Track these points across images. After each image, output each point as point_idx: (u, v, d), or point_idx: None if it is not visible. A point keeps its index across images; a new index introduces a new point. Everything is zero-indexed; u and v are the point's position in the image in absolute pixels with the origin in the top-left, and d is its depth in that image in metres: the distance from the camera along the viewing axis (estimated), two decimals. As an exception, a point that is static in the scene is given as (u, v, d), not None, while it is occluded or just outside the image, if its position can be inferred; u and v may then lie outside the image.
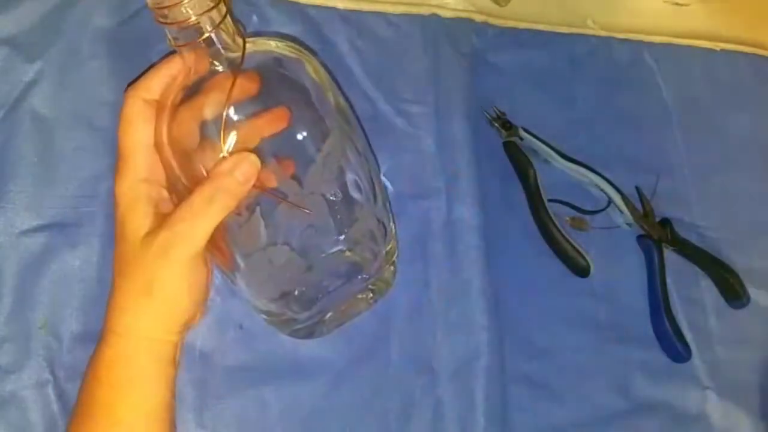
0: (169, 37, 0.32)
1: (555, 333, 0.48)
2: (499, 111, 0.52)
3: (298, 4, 0.49)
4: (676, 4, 0.61)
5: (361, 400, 0.42)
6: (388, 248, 0.41)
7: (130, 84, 0.36)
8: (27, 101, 0.41)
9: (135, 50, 0.44)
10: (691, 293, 0.52)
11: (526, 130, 0.51)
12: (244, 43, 0.33)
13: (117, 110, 0.43)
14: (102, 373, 0.34)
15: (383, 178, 0.46)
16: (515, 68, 0.54)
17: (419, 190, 0.48)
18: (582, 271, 0.49)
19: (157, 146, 0.35)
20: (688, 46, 0.60)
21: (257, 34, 0.45)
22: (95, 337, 0.39)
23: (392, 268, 0.42)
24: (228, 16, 0.32)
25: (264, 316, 0.40)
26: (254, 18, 0.47)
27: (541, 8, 0.56)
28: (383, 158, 0.48)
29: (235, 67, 0.33)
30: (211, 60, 0.33)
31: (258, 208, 0.35)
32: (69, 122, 0.42)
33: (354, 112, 0.42)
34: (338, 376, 0.42)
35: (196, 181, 0.33)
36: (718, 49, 0.60)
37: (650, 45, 0.58)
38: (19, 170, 0.40)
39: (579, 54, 0.56)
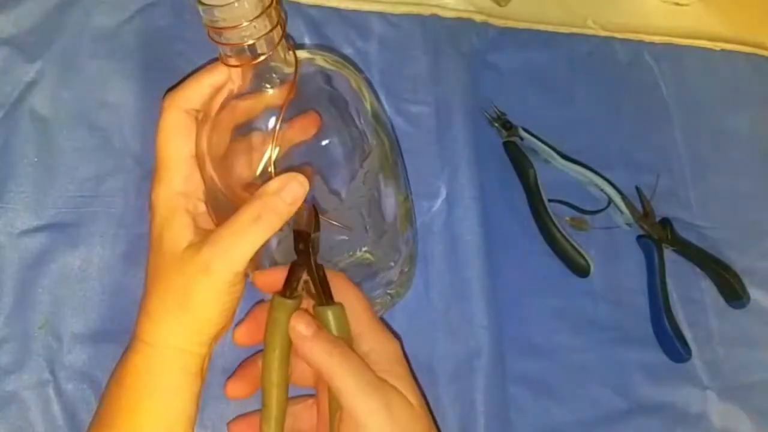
0: (222, 54, 0.31)
1: (555, 333, 0.48)
2: (499, 111, 0.52)
3: (298, 4, 0.49)
4: (676, 4, 0.61)
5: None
6: (409, 254, 0.41)
7: (168, 91, 0.35)
8: (27, 101, 0.41)
9: (135, 50, 0.44)
10: (691, 293, 0.52)
11: (526, 130, 0.51)
12: (297, 62, 0.32)
13: (117, 110, 0.43)
14: (127, 380, 0.33)
15: None
16: (515, 68, 0.54)
17: (419, 190, 0.48)
18: (582, 271, 0.49)
19: (198, 158, 0.34)
20: (688, 46, 0.60)
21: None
22: (95, 337, 0.39)
23: (411, 272, 0.42)
24: (282, 38, 0.31)
25: None
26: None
27: (541, 8, 0.56)
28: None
29: (287, 85, 0.32)
30: (260, 75, 0.32)
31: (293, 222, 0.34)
32: (69, 122, 0.42)
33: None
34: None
35: (236, 195, 0.32)
36: (717, 48, 0.60)
37: (650, 45, 0.58)
38: (19, 170, 0.40)
39: (579, 54, 0.56)
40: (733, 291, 0.51)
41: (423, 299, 0.45)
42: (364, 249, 0.37)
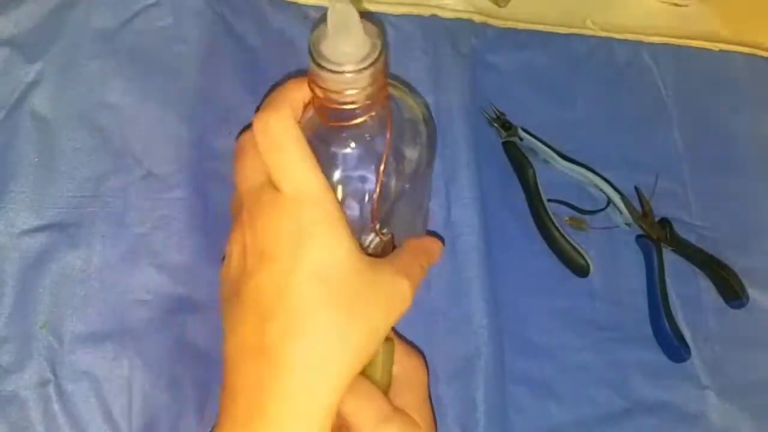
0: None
1: (555, 333, 0.48)
2: (499, 111, 0.52)
3: (298, 4, 0.49)
4: (675, 4, 0.61)
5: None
6: None
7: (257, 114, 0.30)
8: (28, 101, 0.41)
9: (135, 50, 0.45)
10: (691, 293, 0.52)
11: (525, 130, 0.51)
12: (390, 112, 0.30)
13: (117, 111, 0.43)
14: None
15: None
16: (515, 69, 0.54)
17: (419, 190, 0.48)
18: (581, 271, 0.49)
19: None
20: (687, 47, 0.60)
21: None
22: (96, 336, 0.39)
23: None
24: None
25: None
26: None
27: (540, 9, 0.56)
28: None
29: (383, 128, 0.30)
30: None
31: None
32: (69, 122, 0.42)
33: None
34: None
35: None
36: (716, 49, 0.61)
37: (649, 45, 0.58)
38: (20, 170, 0.40)
39: (578, 54, 0.56)
40: (732, 291, 0.52)
41: (423, 299, 0.45)
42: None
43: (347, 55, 0.27)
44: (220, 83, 0.46)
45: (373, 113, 0.29)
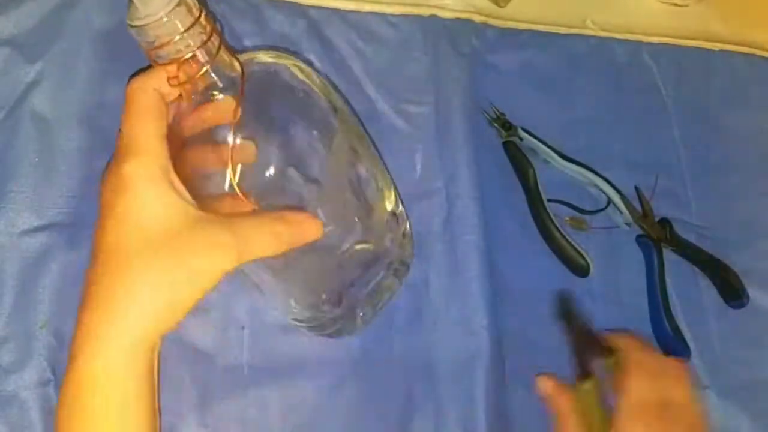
0: (168, 76, 0.32)
1: (555, 333, 0.48)
2: (499, 111, 0.52)
3: (298, 4, 0.49)
4: (675, 4, 0.61)
5: (362, 400, 0.42)
6: (402, 231, 0.41)
7: (132, 77, 0.34)
8: (28, 101, 0.41)
9: (135, 51, 0.44)
10: (691, 293, 0.52)
11: (525, 130, 0.51)
12: (243, 67, 0.32)
13: (117, 111, 0.43)
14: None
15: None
16: (515, 69, 0.54)
17: (419, 190, 0.48)
18: (582, 271, 0.49)
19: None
20: (687, 47, 0.60)
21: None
22: (96, 336, 0.39)
23: (409, 247, 0.43)
24: (221, 45, 0.32)
25: (302, 325, 0.40)
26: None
27: (540, 9, 0.56)
28: (383, 158, 0.48)
29: (235, 93, 0.32)
30: (208, 86, 0.32)
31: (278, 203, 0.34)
32: (69, 122, 0.42)
33: (353, 110, 0.42)
34: (339, 376, 0.42)
35: (203, 203, 0.32)
36: (716, 49, 0.61)
37: (649, 45, 0.58)
38: (20, 170, 0.40)
39: (578, 54, 0.56)
40: (732, 291, 0.52)
41: (423, 299, 0.45)
42: (355, 234, 0.38)
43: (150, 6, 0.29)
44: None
45: (217, 66, 0.31)
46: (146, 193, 0.30)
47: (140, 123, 0.31)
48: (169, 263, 0.29)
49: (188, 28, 0.30)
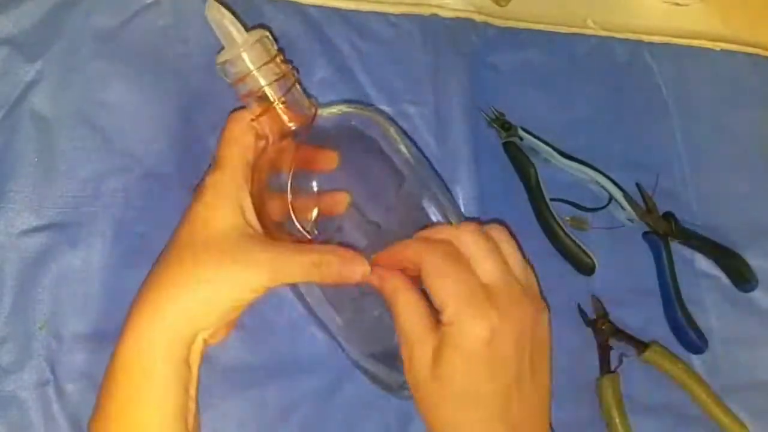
0: (252, 114, 0.36)
1: (558, 332, 0.47)
2: (498, 112, 0.52)
3: (298, 4, 0.49)
4: (676, 4, 0.61)
5: (362, 400, 0.42)
6: None
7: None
8: (27, 101, 0.41)
9: (135, 50, 0.45)
10: (692, 294, 0.52)
11: (525, 130, 0.51)
12: (315, 108, 0.36)
13: (117, 111, 0.43)
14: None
15: None
16: (515, 68, 0.54)
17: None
18: (587, 270, 0.49)
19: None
20: (688, 46, 0.60)
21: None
22: (96, 336, 0.39)
23: None
24: (294, 87, 0.35)
25: (377, 383, 0.40)
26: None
27: (541, 8, 0.56)
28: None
29: (303, 135, 0.35)
30: (285, 131, 0.36)
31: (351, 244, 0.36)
32: (69, 122, 0.42)
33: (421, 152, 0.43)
34: (339, 375, 0.42)
35: (270, 232, 0.35)
36: (717, 48, 0.61)
37: (650, 45, 0.58)
38: (19, 170, 0.40)
39: (579, 54, 0.56)
40: (740, 275, 0.52)
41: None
42: None
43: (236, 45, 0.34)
44: (220, 83, 0.46)
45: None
46: (214, 201, 0.34)
47: (227, 146, 0.36)
48: (212, 265, 0.32)
49: (261, 66, 0.34)
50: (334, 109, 0.38)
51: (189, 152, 0.44)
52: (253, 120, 0.36)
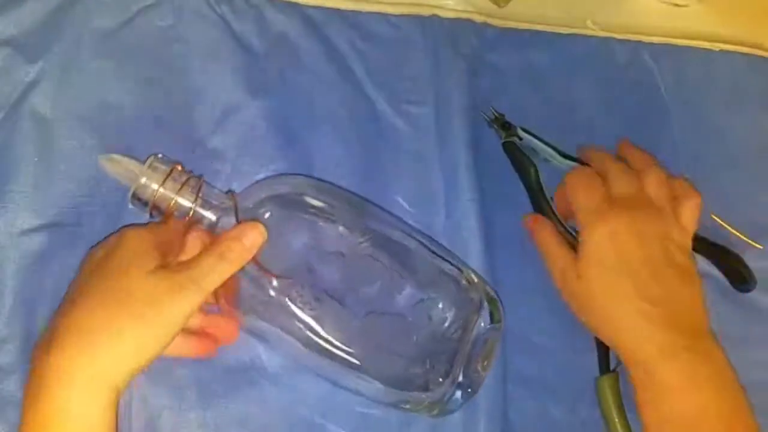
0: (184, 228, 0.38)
1: (556, 333, 0.48)
2: (497, 112, 0.52)
3: (298, 4, 0.49)
4: (675, 4, 0.61)
5: (363, 401, 0.42)
6: (471, 275, 0.42)
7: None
8: (28, 101, 0.42)
9: (135, 51, 0.45)
10: (691, 294, 0.52)
11: (525, 130, 0.51)
12: (236, 203, 0.37)
13: (117, 110, 0.43)
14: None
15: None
16: (515, 69, 0.54)
17: (418, 191, 0.48)
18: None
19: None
20: (688, 47, 0.60)
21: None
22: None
23: (489, 288, 0.43)
24: (203, 187, 0.38)
25: (408, 407, 0.40)
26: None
27: (540, 9, 0.56)
28: (383, 159, 0.48)
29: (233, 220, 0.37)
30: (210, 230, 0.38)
31: (323, 295, 0.38)
32: (69, 122, 0.42)
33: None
34: (339, 375, 0.42)
35: None
36: (717, 49, 0.60)
37: (649, 45, 0.58)
38: (20, 170, 0.40)
39: (578, 54, 0.56)
40: (738, 275, 0.51)
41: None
42: (407, 286, 0.40)
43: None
44: (219, 83, 0.46)
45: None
46: (136, 249, 0.35)
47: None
48: (136, 313, 0.32)
49: (162, 183, 0.36)
50: (250, 188, 0.41)
51: (189, 152, 0.44)
52: (185, 234, 0.37)
